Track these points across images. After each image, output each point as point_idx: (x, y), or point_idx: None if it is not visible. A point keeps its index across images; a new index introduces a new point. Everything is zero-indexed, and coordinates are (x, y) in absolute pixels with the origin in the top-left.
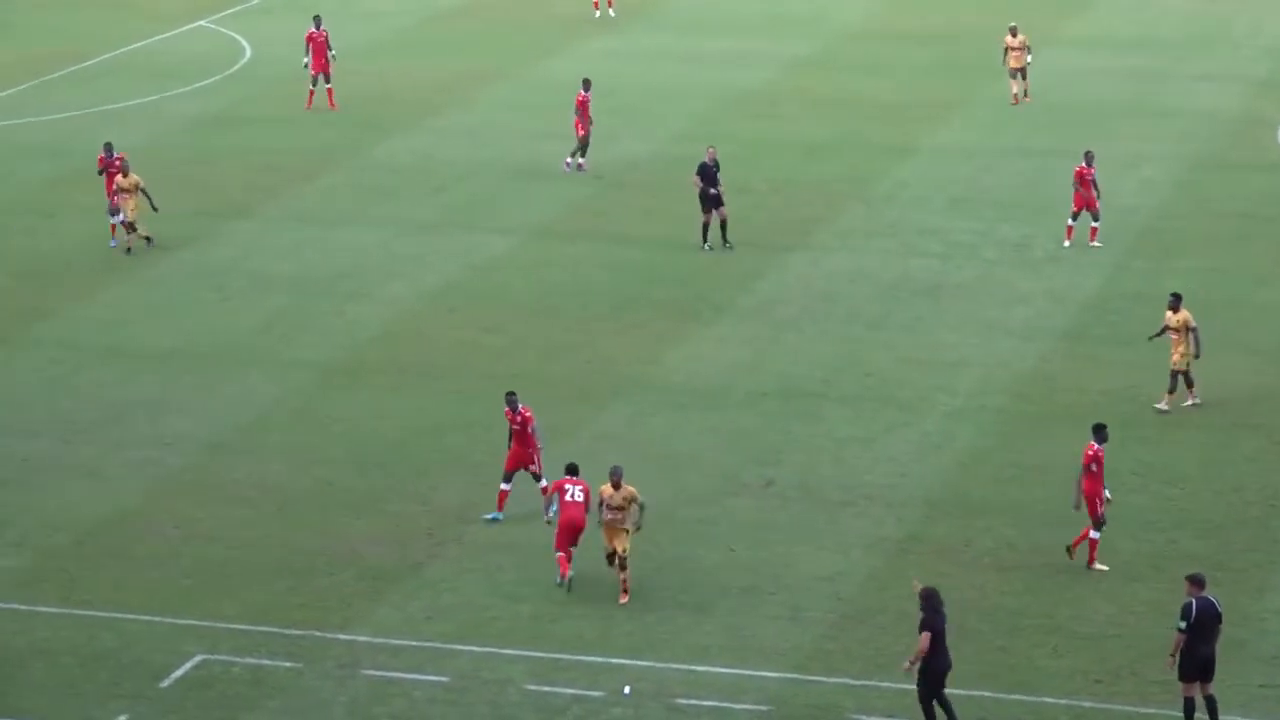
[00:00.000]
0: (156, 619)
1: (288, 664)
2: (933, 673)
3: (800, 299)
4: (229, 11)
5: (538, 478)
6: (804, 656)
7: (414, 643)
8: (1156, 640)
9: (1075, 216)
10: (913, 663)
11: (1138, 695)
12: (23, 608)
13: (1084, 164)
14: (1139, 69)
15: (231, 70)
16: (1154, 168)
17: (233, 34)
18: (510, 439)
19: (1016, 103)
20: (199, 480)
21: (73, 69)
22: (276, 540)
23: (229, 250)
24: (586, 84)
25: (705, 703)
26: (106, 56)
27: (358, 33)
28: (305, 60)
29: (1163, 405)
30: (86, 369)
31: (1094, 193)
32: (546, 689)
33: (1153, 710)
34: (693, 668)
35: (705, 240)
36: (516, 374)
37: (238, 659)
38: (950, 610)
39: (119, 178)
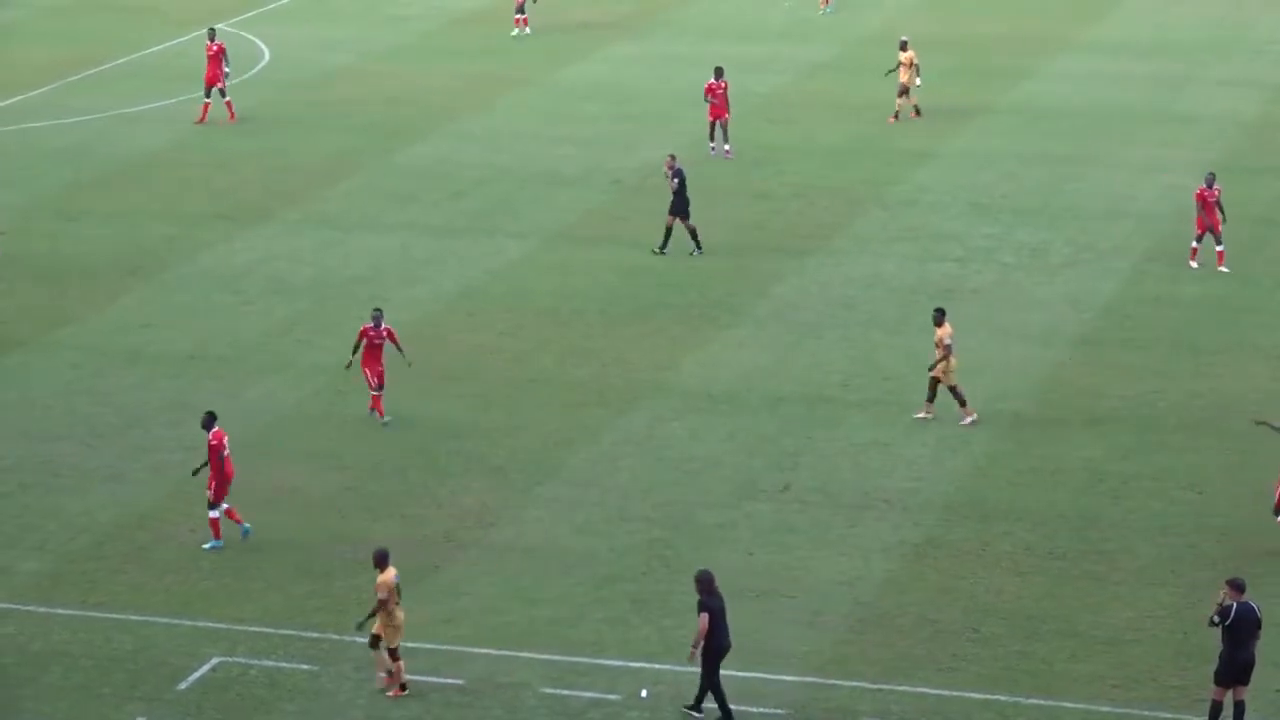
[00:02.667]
0: (174, 621)
1: (305, 667)
2: (713, 651)
3: (819, 304)
4: (247, 15)
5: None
6: (822, 660)
7: (431, 645)
8: (1176, 644)
9: (1199, 239)
10: (695, 646)
11: (1157, 700)
12: (42, 610)
13: (1205, 185)
14: (1159, 74)
15: (250, 74)
16: (1173, 173)
17: (251, 37)
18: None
19: (895, 120)
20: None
21: (92, 72)
22: (295, 543)
23: (248, 254)
24: (719, 72)
25: None
26: (125, 60)
27: (381, 36)
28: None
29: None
30: (107, 373)
31: (1217, 215)
32: (564, 692)
33: (1171, 715)
34: None
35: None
36: (535, 378)
37: (255, 661)
38: (968, 615)
39: None
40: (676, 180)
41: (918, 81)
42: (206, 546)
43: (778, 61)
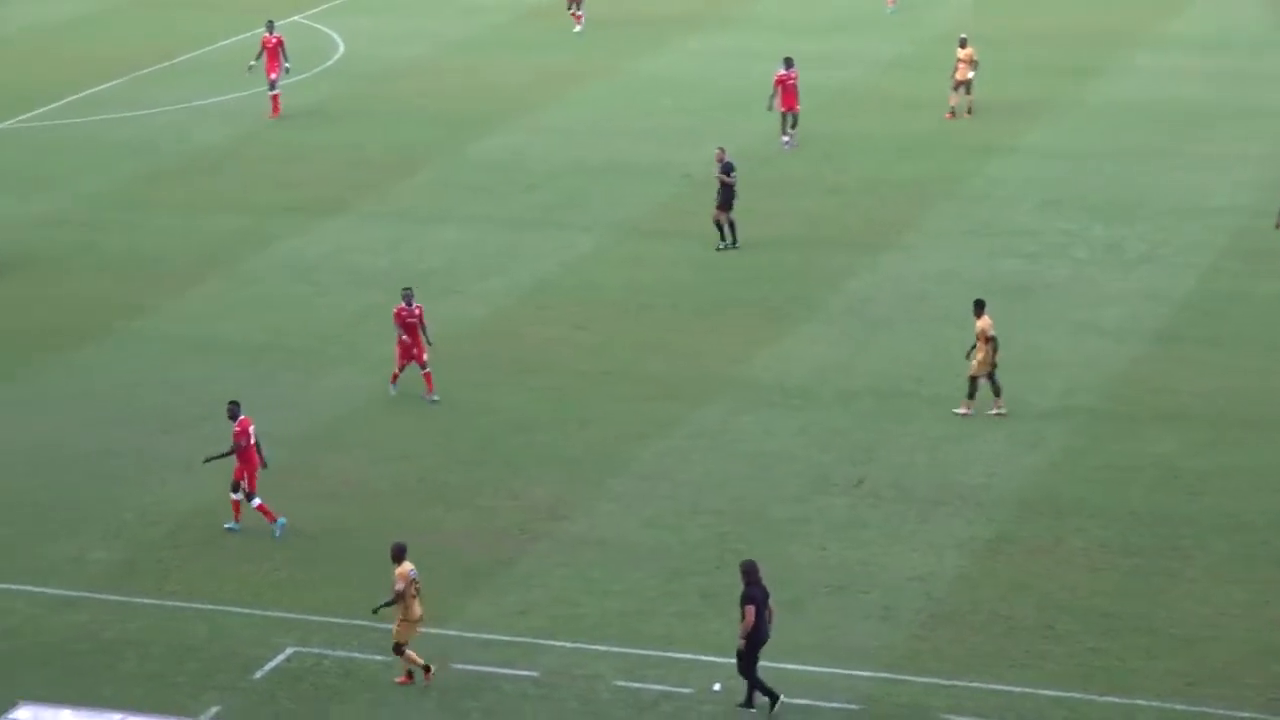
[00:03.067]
0: (249, 611)
1: (379, 657)
2: (752, 642)
3: (892, 298)
4: (323, 7)
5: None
6: (895, 656)
7: (505, 637)
8: (1251, 642)
9: None
10: (744, 637)
11: (1233, 698)
12: (117, 599)
13: None
14: (1233, 70)
15: (325, 66)
16: (1247, 168)
17: (326, 30)
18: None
19: (952, 117)
20: (292, 474)
21: (167, 64)
22: (368, 534)
23: (322, 246)
24: (789, 62)
25: (796, 701)
26: (200, 52)
27: (455, 29)
28: (251, 63)
29: (962, 410)
30: (180, 364)
31: None
32: (636, 685)
33: (1248, 714)
34: (784, 666)
35: (726, 239)
36: (607, 371)
37: (329, 652)
38: (1041, 611)
39: None
40: (725, 173)
41: (971, 75)
42: (227, 526)
43: (848, 56)
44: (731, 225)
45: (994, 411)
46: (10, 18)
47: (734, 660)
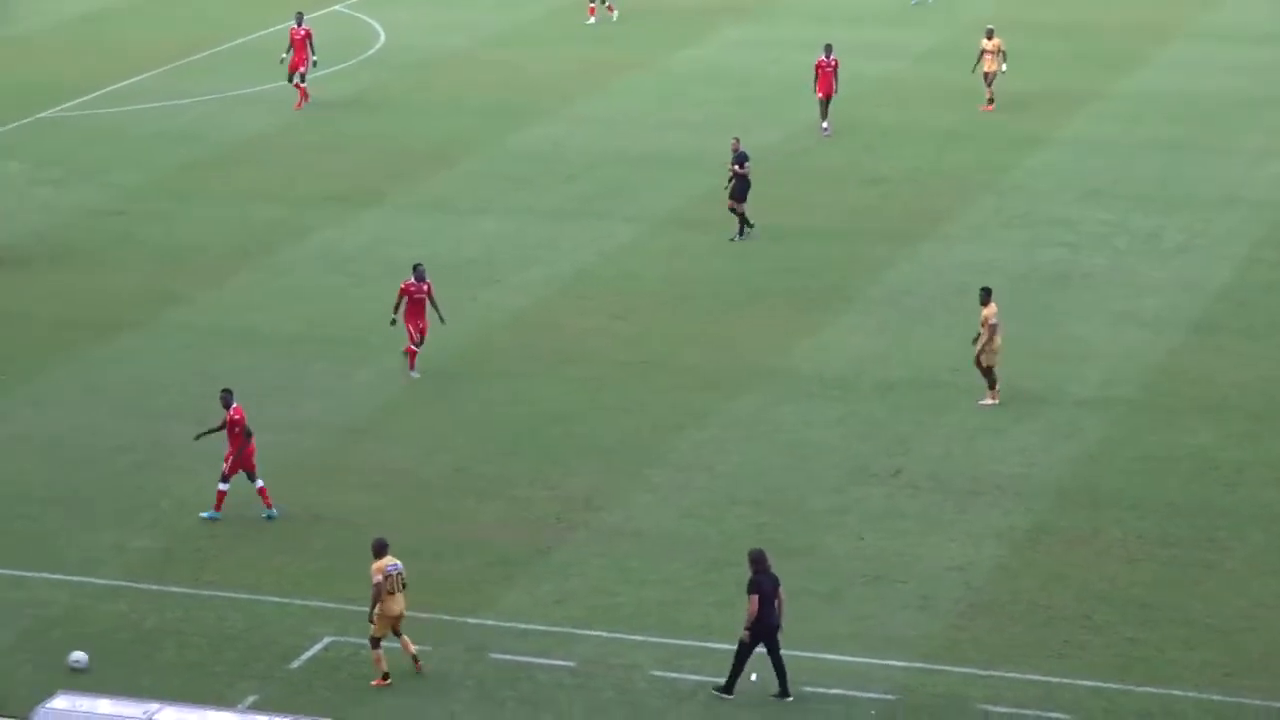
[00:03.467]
0: (286, 601)
1: (415, 647)
2: (758, 631)
3: (931, 289)
4: None
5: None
6: (933, 646)
7: (541, 627)
8: None
9: None
10: (748, 627)
11: (1270, 689)
12: (155, 588)
13: None
14: (1273, 61)
15: (365, 55)
16: None
17: (367, 19)
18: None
19: (992, 106)
20: (330, 464)
21: (206, 54)
22: (406, 524)
23: (361, 236)
24: (829, 49)
25: (833, 691)
26: (240, 41)
27: (493, 20)
28: (283, 55)
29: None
30: (219, 353)
31: None
32: (673, 675)
33: None
34: (821, 656)
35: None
36: (646, 361)
37: (366, 641)
38: (1079, 601)
39: None
40: (739, 163)
41: (1003, 68)
42: (204, 515)
43: (890, 46)
44: (743, 217)
45: (985, 402)
46: (51, 8)
47: (765, 651)
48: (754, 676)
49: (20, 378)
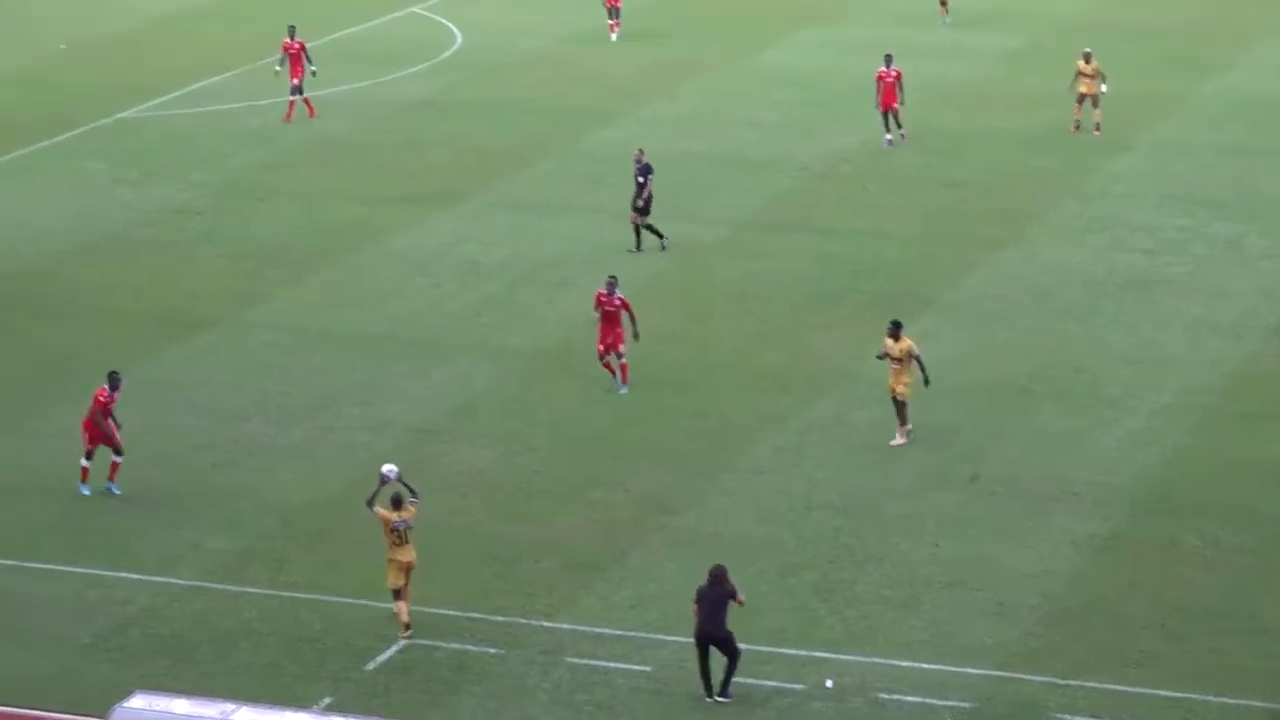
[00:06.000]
0: (362, 602)
1: (492, 650)
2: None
3: (1010, 293)
4: None
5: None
6: (1009, 653)
7: (617, 631)
8: None
9: None
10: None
11: None
12: (232, 588)
13: None
14: None
15: (442, 57)
16: None
17: (444, 20)
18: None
19: (1076, 130)
20: (407, 465)
21: (284, 55)
22: (482, 527)
23: (439, 237)
24: (889, 59)
25: (909, 698)
26: (318, 42)
27: (569, 21)
28: (276, 69)
29: (899, 440)
30: (298, 353)
31: None
32: (748, 681)
33: None
34: (896, 662)
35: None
36: (721, 364)
37: (442, 644)
38: (1156, 610)
39: None
40: (642, 175)
41: (1103, 89)
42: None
43: (970, 48)
44: (650, 229)
45: (896, 442)
46: (136, 8)
47: (843, 657)
48: (829, 682)
49: (100, 376)
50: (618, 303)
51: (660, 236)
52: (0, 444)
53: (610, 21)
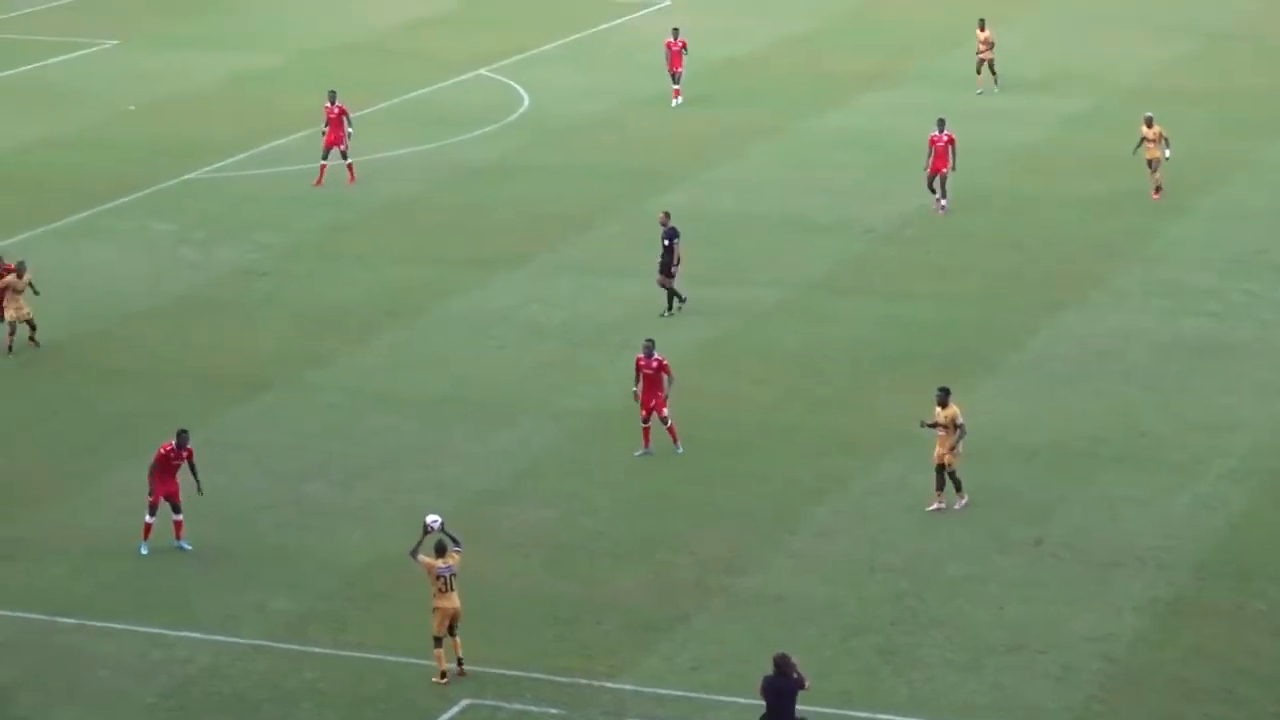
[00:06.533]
0: (425, 662)
1: (554, 710)
2: None
3: (1074, 356)
4: (508, 61)
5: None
6: (1071, 718)
7: (680, 693)
8: None
9: None
10: None
11: None
12: (295, 647)
13: None
14: None
15: (509, 119)
16: None
17: (511, 83)
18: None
19: (1159, 195)
20: (469, 527)
21: (354, 116)
22: (544, 587)
23: (503, 298)
24: (941, 124)
25: None
26: (386, 104)
27: (635, 85)
28: (324, 129)
29: (936, 505)
30: (361, 414)
31: None
32: None
33: None
34: None
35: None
36: (786, 426)
37: (504, 704)
38: (1222, 676)
39: (11, 278)
40: (668, 238)
41: (1167, 154)
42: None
43: (1036, 112)
44: (671, 293)
45: (958, 505)
46: (205, 69)
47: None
48: None
49: (164, 436)
50: (655, 365)
51: (680, 300)
52: (64, 503)
53: (674, 87)
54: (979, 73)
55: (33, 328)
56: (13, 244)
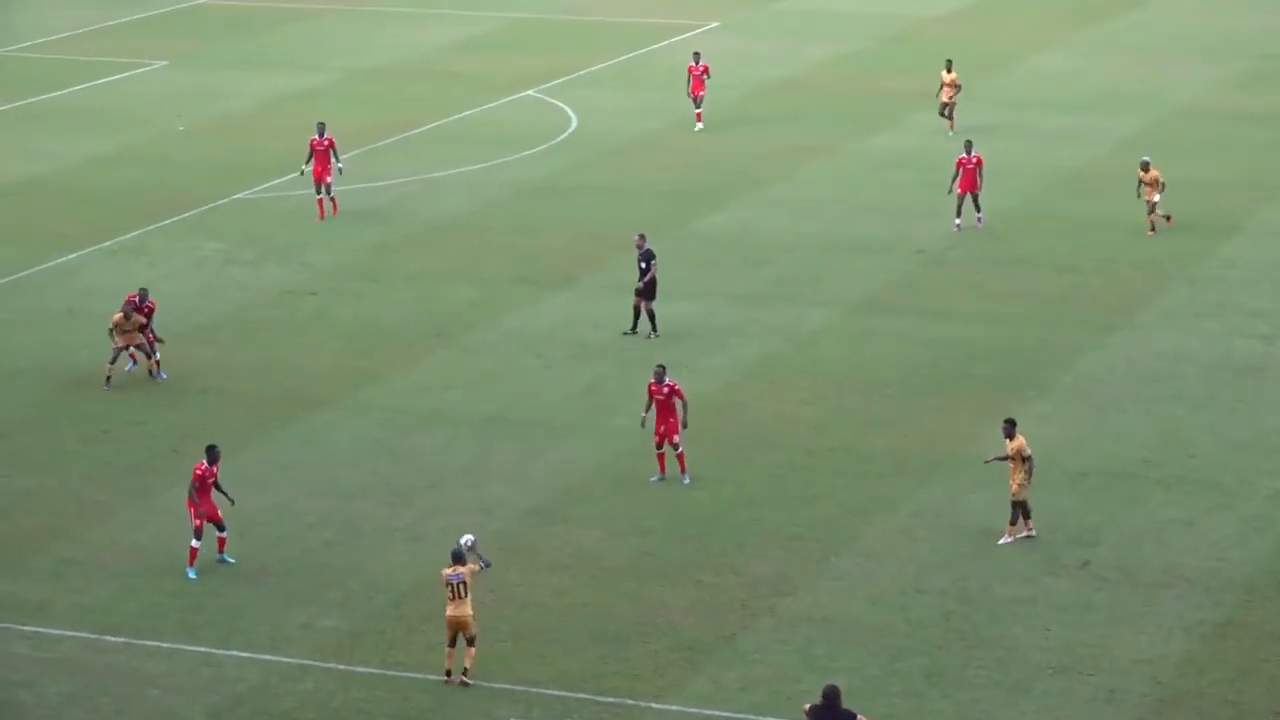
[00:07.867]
0: (472, 682)
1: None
2: None
3: (1123, 378)
4: (556, 81)
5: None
6: None
7: (727, 714)
8: None
9: None
10: None
11: None
12: (342, 667)
13: None
14: None
15: (557, 140)
16: None
17: (559, 104)
18: None
19: (1154, 233)
20: (517, 546)
21: (402, 136)
22: (592, 608)
23: (551, 318)
24: (969, 146)
25: None
26: (434, 125)
27: (683, 106)
28: (304, 167)
29: (1006, 538)
30: (410, 433)
31: None
32: None
33: None
34: None
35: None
36: (834, 447)
37: None
38: (1271, 697)
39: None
40: (645, 261)
41: (1157, 198)
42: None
43: (1088, 133)
44: (650, 315)
45: (1024, 534)
46: (254, 89)
47: None
48: None
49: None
50: (666, 390)
51: (653, 331)
52: (114, 522)
53: (696, 111)
54: (945, 116)
55: (148, 355)
56: (64, 264)
